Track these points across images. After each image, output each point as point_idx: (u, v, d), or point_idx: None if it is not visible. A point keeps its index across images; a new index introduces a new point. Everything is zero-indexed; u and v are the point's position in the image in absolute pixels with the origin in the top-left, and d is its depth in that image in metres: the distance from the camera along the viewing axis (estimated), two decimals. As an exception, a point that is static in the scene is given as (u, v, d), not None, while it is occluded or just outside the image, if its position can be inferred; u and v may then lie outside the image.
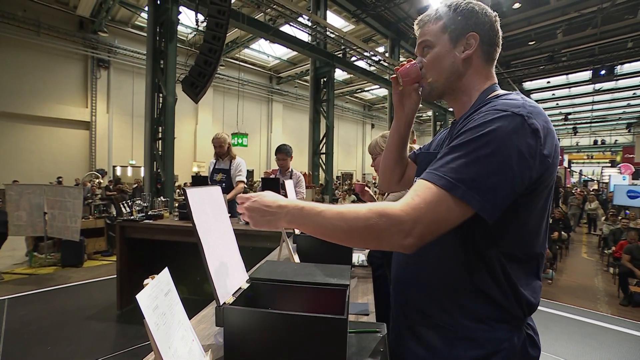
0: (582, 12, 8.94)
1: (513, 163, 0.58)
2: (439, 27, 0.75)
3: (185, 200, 0.73)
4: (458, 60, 0.74)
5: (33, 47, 10.10)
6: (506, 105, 0.62)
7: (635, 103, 17.79)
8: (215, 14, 4.93)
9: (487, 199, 0.58)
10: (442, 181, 0.59)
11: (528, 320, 0.72)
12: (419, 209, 0.59)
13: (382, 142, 1.58)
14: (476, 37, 0.73)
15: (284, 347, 0.66)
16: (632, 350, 3.08)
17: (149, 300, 0.52)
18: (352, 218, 0.60)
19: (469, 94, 0.76)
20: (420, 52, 0.80)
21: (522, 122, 0.59)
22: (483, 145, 0.59)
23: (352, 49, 9.65)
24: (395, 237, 0.59)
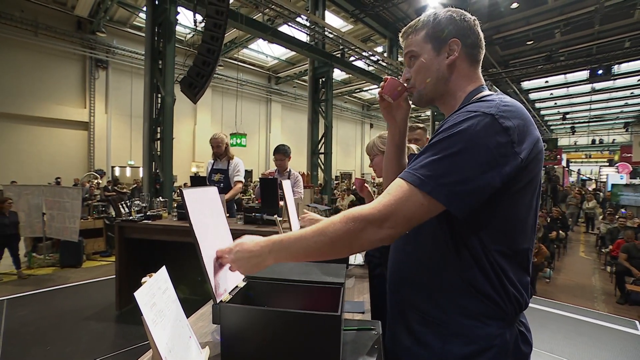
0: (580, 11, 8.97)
1: (482, 160, 0.61)
2: (422, 37, 0.79)
3: (182, 200, 0.74)
4: (443, 66, 0.78)
5: (31, 48, 10.08)
6: (478, 107, 0.66)
7: (632, 102, 17.84)
8: (214, 14, 4.94)
9: (454, 194, 0.61)
10: (413, 178, 0.64)
11: (520, 317, 0.74)
12: (388, 205, 0.63)
13: (380, 142, 1.60)
14: (458, 42, 0.77)
15: (280, 344, 0.68)
16: (628, 348, 3.11)
17: (147, 297, 0.54)
18: (331, 230, 0.64)
19: (456, 97, 0.79)
20: (407, 62, 0.84)
21: (492, 120, 0.63)
22: (452, 144, 0.63)
23: (351, 49, 9.66)
24: (370, 234, 0.63)
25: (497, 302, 0.69)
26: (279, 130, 17.47)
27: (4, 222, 4.45)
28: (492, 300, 0.69)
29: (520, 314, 0.73)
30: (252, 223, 2.82)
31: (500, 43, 11.30)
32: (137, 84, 11.59)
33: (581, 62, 10.95)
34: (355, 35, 11.04)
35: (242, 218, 2.90)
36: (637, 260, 4.54)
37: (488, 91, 0.78)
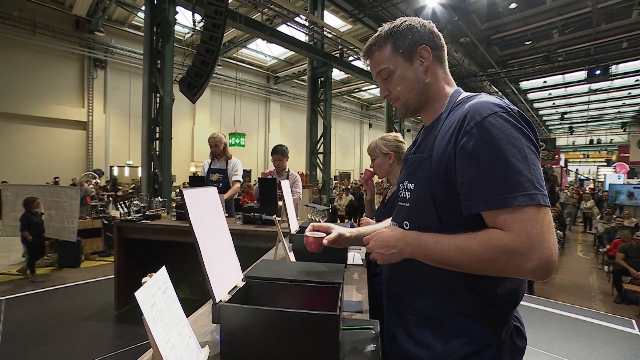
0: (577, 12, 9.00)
1: (533, 151, 0.66)
2: (390, 51, 0.80)
3: (182, 201, 0.75)
4: (420, 74, 0.79)
5: (29, 47, 10.05)
6: (484, 103, 0.68)
7: (630, 102, 17.94)
8: (212, 14, 4.94)
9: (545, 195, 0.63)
10: (525, 198, 0.61)
11: (514, 312, 0.75)
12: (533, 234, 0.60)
13: (382, 144, 1.62)
14: (427, 48, 0.79)
15: (279, 343, 0.68)
16: (624, 347, 3.13)
17: (147, 297, 0.54)
18: (470, 253, 0.63)
19: (439, 101, 0.81)
20: (381, 81, 0.84)
21: (509, 113, 0.67)
22: (506, 148, 0.65)
23: (350, 49, 9.67)
24: (517, 268, 0.60)
25: (495, 300, 0.69)
26: (278, 130, 17.47)
27: (37, 221, 4.56)
28: (490, 299, 0.69)
29: (515, 309, 0.74)
30: (251, 223, 2.82)
31: (499, 43, 11.34)
32: (136, 83, 11.58)
33: (579, 62, 11.00)
34: (354, 35, 11.06)
35: (241, 218, 2.90)
36: (634, 259, 4.57)
37: (464, 92, 0.82)
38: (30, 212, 4.54)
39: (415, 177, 0.79)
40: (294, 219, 1.75)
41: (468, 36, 9.99)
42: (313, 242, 0.96)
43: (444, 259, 0.67)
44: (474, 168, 0.64)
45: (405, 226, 0.80)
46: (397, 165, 1.61)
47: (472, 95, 0.76)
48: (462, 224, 0.68)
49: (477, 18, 9.62)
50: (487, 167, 0.63)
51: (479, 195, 0.64)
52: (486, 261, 0.62)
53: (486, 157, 0.63)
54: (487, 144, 0.63)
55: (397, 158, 1.60)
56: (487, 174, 0.63)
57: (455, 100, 0.78)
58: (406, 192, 0.82)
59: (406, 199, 0.81)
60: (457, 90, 0.82)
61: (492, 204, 0.62)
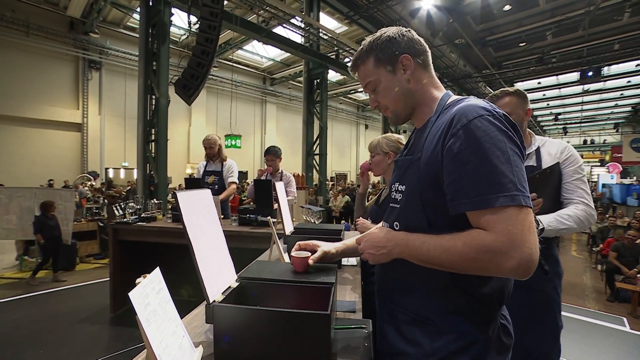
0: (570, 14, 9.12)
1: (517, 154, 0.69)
2: (373, 64, 0.83)
3: (176, 203, 0.76)
4: (404, 84, 0.82)
5: (23, 48, 9.97)
6: (471, 107, 0.70)
7: (622, 103, 18.16)
8: (208, 16, 4.94)
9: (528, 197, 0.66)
10: (507, 199, 0.63)
11: (501, 310, 0.77)
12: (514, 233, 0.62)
13: (384, 143, 1.65)
14: (408, 57, 0.81)
15: (271, 342, 0.70)
16: (616, 345, 3.17)
17: (141, 297, 0.55)
18: (454, 253, 0.66)
19: (428, 105, 0.83)
20: (370, 92, 0.88)
21: (495, 116, 0.70)
22: (487, 149, 0.68)
23: (345, 50, 9.70)
24: (500, 267, 0.62)
25: (481, 298, 0.71)
26: (274, 132, 17.46)
27: (52, 225, 4.57)
28: (478, 297, 0.71)
29: (501, 307, 0.76)
30: (247, 224, 2.83)
31: (494, 44, 11.45)
32: (131, 85, 11.51)
33: (572, 63, 11.13)
34: (349, 36, 11.09)
35: (236, 219, 2.91)
36: (626, 258, 4.63)
37: (453, 95, 0.84)
38: (46, 215, 4.56)
39: (406, 179, 0.81)
40: (289, 221, 1.76)
41: (463, 38, 10.07)
42: (299, 262, 0.99)
43: (430, 259, 0.69)
44: (460, 170, 0.66)
45: (395, 227, 0.81)
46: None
47: (461, 99, 0.78)
48: (449, 225, 0.70)
49: (471, 20, 9.70)
50: (472, 168, 0.65)
51: (464, 196, 0.66)
52: (470, 260, 0.64)
53: (471, 159, 0.65)
54: (473, 146, 0.65)
55: None
56: (471, 175, 0.65)
57: (445, 103, 0.80)
58: (397, 194, 0.84)
59: (397, 200, 0.83)
60: (447, 93, 0.84)
61: (475, 204, 0.65)
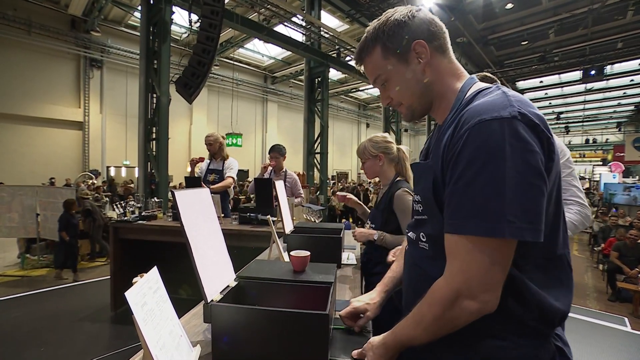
0: (573, 12, 9.07)
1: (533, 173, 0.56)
2: (380, 56, 0.72)
3: (174, 202, 0.75)
4: (419, 74, 0.70)
5: (24, 47, 9.99)
6: (487, 107, 0.58)
7: (625, 102, 18.07)
8: (209, 14, 4.93)
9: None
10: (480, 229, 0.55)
11: (556, 331, 0.64)
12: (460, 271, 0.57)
13: (371, 146, 1.62)
14: (422, 43, 0.68)
15: (269, 342, 0.69)
16: (617, 344, 3.16)
17: (137, 297, 0.55)
18: (426, 321, 0.61)
19: (447, 98, 0.71)
20: (380, 88, 0.77)
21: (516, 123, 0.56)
22: (489, 168, 0.56)
23: (347, 49, 9.68)
24: (463, 312, 0.57)
25: (528, 318, 0.60)
26: (275, 130, 17.46)
27: (74, 223, 4.63)
28: (522, 318, 0.60)
29: (556, 327, 0.63)
30: (247, 223, 2.83)
31: (496, 43, 11.40)
32: (132, 83, 11.52)
33: (574, 62, 11.09)
34: (351, 35, 11.06)
35: (237, 218, 2.91)
36: (628, 258, 4.61)
37: (478, 82, 0.70)
38: (69, 213, 4.61)
39: (419, 188, 0.73)
40: (289, 219, 1.76)
41: (465, 36, 10.03)
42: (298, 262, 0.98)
43: (421, 340, 0.63)
44: (454, 184, 0.58)
45: (422, 238, 0.73)
46: (387, 166, 1.62)
47: (483, 90, 0.65)
48: None
49: (473, 18, 9.66)
50: (461, 185, 0.57)
51: (449, 215, 0.59)
52: (443, 320, 0.59)
53: (465, 170, 0.56)
54: (467, 158, 0.56)
55: (387, 159, 1.61)
56: (460, 193, 0.57)
57: (464, 96, 0.67)
58: (417, 205, 0.75)
59: (419, 211, 0.74)
60: (468, 81, 0.70)
61: (450, 227, 0.58)
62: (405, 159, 1.63)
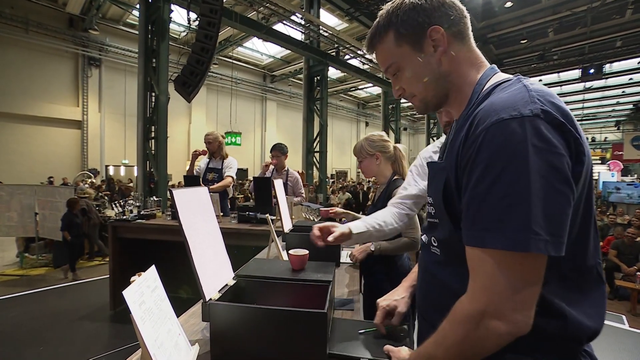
0: (572, 10, 9.07)
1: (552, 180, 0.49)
2: (393, 42, 0.66)
3: (172, 201, 0.75)
4: (435, 64, 0.64)
5: (22, 45, 9.94)
6: (504, 105, 0.52)
7: (624, 101, 18.10)
8: (207, 12, 4.91)
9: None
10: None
11: (586, 347, 0.58)
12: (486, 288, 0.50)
13: (367, 145, 1.62)
14: (438, 29, 0.62)
15: (268, 340, 0.69)
16: (614, 342, 3.18)
17: (135, 296, 0.55)
18: (448, 343, 0.55)
19: (464, 91, 0.65)
20: (391, 77, 0.71)
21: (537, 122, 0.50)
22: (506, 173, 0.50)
23: (346, 48, 9.67)
24: (491, 334, 0.50)
25: (555, 334, 0.55)
26: (274, 129, 17.44)
27: (77, 222, 4.62)
28: (549, 333, 0.54)
29: (584, 343, 0.58)
30: (246, 222, 2.83)
31: (495, 42, 11.40)
32: (131, 82, 11.48)
33: (573, 60, 11.10)
34: (350, 33, 11.05)
35: (235, 217, 2.91)
36: (626, 256, 4.63)
37: (499, 73, 0.64)
38: (72, 212, 4.60)
39: (432, 190, 0.69)
40: (288, 218, 1.76)
41: (464, 35, 10.02)
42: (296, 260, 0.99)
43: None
44: (470, 190, 0.52)
45: (433, 242, 0.69)
46: (384, 165, 1.62)
47: (500, 83, 0.59)
48: None
49: (473, 17, 9.61)
50: (480, 192, 0.50)
51: (466, 225, 0.53)
52: (468, 342, 0.52)
53: (480, 180, 0.50)
54: (485, 163, 0.50)
55: (384, 158, 1.61)
56: (478, 201, 0.51)
57: (481, 89, 0.62)
58: (430, 207, 0.71)
59: (431, 214, 0.71)
60: (486, 73, 0.64)
61: (470, 239, 0.52)
62: (402, 157, 1.63)
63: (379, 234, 1.18)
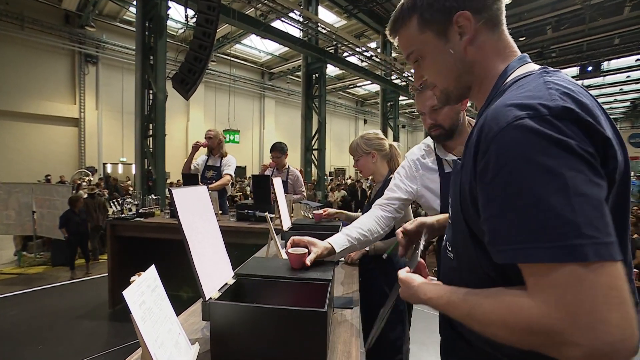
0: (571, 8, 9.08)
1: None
2: (416, 28, 0.61)
3: (171, 200, 0.75)
4: (459, 54, 0.59)
5: (17, 42, 9.86)
6: (513, 102, 0.46)
7: (621, 99, 18.18)
8: (205, 9, 4.88)
9: None
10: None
11: None
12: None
13: (363, 143, 1.61)
14: (467, 15, 0.57)
15: (268, 339, 0.70)
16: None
17: (135, 296, 0.55)
18: (485, 322, 0.47)
19: (485, 84, 0.61)
20: (413, 66, 0.67)
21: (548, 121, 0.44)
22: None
23: (344, 45, 9.65)
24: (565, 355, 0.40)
25: None
26: (273, 127, 17.41)
27: (77, 220, 4.59)
28: None
29: None
30: (245, 220, 2.82)
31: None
32: (129, 79, 11.44)
33: (572, 58, 11.14)
34: (348, 31, 11.02)
35: (234, 215, 2.91)
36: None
37: (528, 63, 0.58)
38: (73, 211, 4.58)
39: (452, 191, 0.64)
40: (287, 216, 1.76)
41: (462, 32, 10.02)
42: (295, 259, 0.98)
43: (464, 324, 0.51)
44: (492, 204, 0.46)
45: (448, 247, 0.67)
46: (380, 163, 1.62)
47: (520, 78, 0.53)
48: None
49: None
50: (507, 204, 0.44)
51: (501, 241, 0.45)
52: (515, 340, 0.44)
53: (505, 191, 0.44)
54: (505, 171, 0.44)
55: (380, 156, 1.61)
56: (507, 214, 0.44)
57: (502, 83, 0.56)
58: (449, 208, 0.68)
59: (450, 215, 0.67)
60: (513, 65, 0.57)
61: (513, 256, 0.43)
62: (398, 155, 1.64)
63: (364, 244, 1.18)
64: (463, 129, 1.23)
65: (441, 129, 1.21)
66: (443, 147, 1.27)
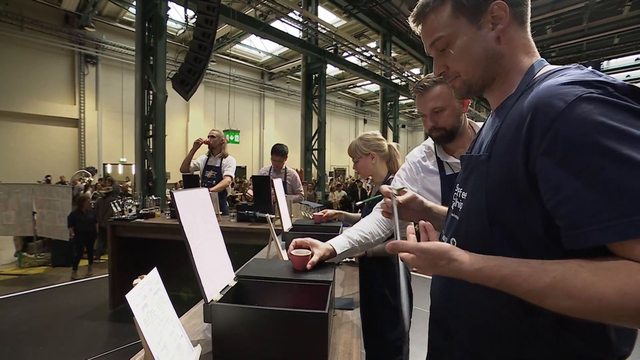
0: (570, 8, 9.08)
1: None
2: (449, 13, 0.60)
3: (172, 203, 0.76)
4: (490, 43, 0.59)
5: (17, 42, 9.85)
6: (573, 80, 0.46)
7: (621, 98, 18.19)
8: (205, 10, 4.88)
9: None
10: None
11: None
12: None
13: (362, 145, 1.62)
14: (503, 4, 0.57)
15: (270, 341, 0.70)
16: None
17: (138, 299, 0.55)
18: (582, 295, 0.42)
19: (510, 79, 0.61)
20: (436, 54, 0.65)
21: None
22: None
23: (344, 45, 9.65)
24: None
25: (586, 354, 0.51)
26: (273, 127, 17.41)
27: (84, 220, 4.66)
28: (579, 353, 0.51)
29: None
30: (245, 220, 2.83)
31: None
32: (128, 80, 11.44)
33: (572, 57, 11.14)
34: (348, 30, 11.02)
35: (235, 215, 2.91)
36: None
37: (548, 65, 0.60)
38: (81, 211, 4.63)
39: (469, 184, 0.62)
40: (287, 217, 1.77)
41: (462, 32, 10.02)
42: (297, 260, 0.98)
43: (539, 303, 0.46)
44: (575, 181, 0.42)
45: (452, 243, 0.64)
46: (379, 164, 1.63)
47: (554, 71, 0.54)
48: (517, 251, 0.50)
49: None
50: (600, 178, 0.41)
51: (594, 220, 0.41)
52: (625, 315, 0.40)
53: (591, 163, 0.41)
54: (582, 143, 0.42)
55: (379, 157, 1.62)
56: (601, 189, 0.41)
57: (532, 78, 0.57)
58: (458, 201, 0.65)
59: (458, 210, 0.65)
60: (539, 62, 0.60)
61: (622, 232, 0.40)
62: (397, 156, 1.64)
63: (365, 247, 1.18)
64: (464, 131, 1.23)
65: (442, 131, 1.21)
66: (444, 149, 1.27)
